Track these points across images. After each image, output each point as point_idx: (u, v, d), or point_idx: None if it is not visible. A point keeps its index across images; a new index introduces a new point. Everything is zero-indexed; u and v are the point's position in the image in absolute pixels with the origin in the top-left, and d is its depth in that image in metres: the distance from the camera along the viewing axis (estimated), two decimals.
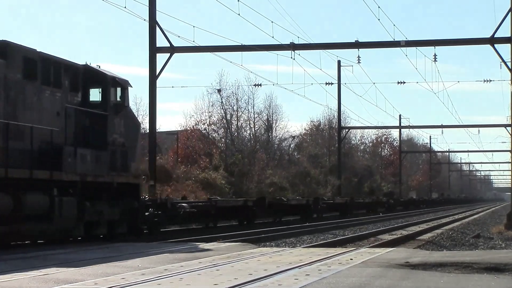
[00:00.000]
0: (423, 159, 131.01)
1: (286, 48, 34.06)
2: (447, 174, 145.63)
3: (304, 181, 65.52)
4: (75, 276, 10.30)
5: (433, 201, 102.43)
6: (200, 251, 15.06)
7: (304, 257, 13.33)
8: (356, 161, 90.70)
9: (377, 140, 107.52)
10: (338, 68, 61.48)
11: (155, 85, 32.82)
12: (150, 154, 33.75)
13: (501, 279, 10.40)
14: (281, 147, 74.38)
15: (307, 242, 23.33)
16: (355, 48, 35.40)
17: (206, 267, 11.40)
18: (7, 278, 10.08)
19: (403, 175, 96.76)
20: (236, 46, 34.20)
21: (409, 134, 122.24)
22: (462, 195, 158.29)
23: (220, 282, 9.46)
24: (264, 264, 12.04)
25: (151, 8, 32.35)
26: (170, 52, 33.26)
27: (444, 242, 25.49)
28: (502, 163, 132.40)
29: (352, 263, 12.24)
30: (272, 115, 70.09)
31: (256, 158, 63.23)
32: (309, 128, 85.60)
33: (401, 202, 78.86)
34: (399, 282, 9.74)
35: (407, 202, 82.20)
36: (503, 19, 32.17)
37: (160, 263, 12.17)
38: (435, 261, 12.41)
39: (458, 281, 10.06)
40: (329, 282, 9.60)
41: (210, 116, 63.73)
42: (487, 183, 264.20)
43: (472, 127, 76.06)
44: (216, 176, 52.18)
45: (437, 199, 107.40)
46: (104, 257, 13.28)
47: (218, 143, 64.39)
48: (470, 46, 50.35)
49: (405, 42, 33.83)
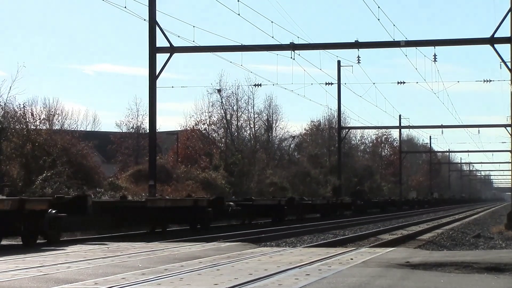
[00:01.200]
0: (423, 159, 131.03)
1: (286, 48, 34.07)
2: (447, 174, 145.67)
3: (304, 181, 65.51)
4: (75, 276, 10.30)
5: (421, 202, 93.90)
6: (200, 250, 15.06)
7: (305, 257, 13.32)
8: (356, 161, 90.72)
9: (377, 140, 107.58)
10: (338, 68, 61.54)
11: (155, 85, 32.83)
12: (150, 154, 33.77)
13: (502, 279, 10.40)
14: (281, 147, 74.41)
15: (307, 242, 23.33)
16: (355, 48, 35.44)
17: (207, 267, 11.39)
18: (7, 278, 10.07)
19: (403, 175, 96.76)
20: (236, 46, 34.23)
21: (409, 134, 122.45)
22: (462, 195, 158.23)
23: (220, 282, 9.45)
24: (264, 264, 12.03)
25: (151, 8, 32.37)
26: (170, 52, 33.28)
27: (444, 242, 25.49)
28: (502, 163, 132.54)
29: (353, 263, 12.23)
30: (272, 115, 70.19)
31: (256, 158, 63.25)
32: (309, 128, 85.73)
33: (375, 203, 68.24)
34: (400, 282, 9.74)
35: (384, 203, 71.43)
36: (503, 19, 32.19)
37: (160, 263, 12.16)
38: (436, 261, 12.40)
39: (458, 281, 10.05)
40: (330, 282, 9.59)
41: (210, 116, 63.81)
42: (487, 183, 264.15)
43: (472, 127, 76.15)
44: (216, 176, 52.20)
45: (426, 200, 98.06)
46: (104, 257, 13.29)
47: (218, 143, 64.40)
48: (470, 46, 50.35)
49: (405, 42, 33.85)
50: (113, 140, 64.66)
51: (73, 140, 42.44)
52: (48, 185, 33.38)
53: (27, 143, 37.27)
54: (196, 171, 52.38)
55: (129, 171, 49.63)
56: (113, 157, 63.91)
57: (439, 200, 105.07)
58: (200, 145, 62.35)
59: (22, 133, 37.86)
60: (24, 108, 40.42)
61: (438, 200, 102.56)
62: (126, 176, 47.16)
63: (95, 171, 41.90)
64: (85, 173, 39.16)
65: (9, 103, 37.86)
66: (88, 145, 44.63)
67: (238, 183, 54.10)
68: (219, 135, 65.67)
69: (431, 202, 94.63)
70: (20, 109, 39.89)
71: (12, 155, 36.34)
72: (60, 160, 36.74)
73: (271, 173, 60.71)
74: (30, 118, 41.31)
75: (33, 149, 37.14)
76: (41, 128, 41.26)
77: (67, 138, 41.96)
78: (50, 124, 50.10)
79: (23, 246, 17.14)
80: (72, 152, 39.98)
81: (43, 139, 38.35)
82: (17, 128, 38.34)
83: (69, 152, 39.44)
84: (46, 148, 37.79)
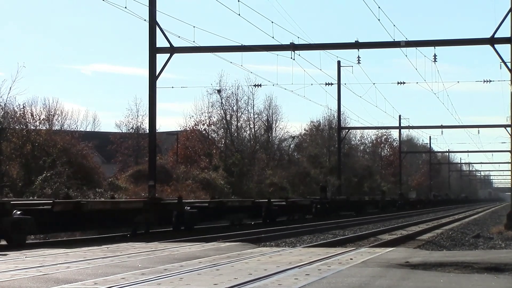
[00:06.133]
0: (423, 159, 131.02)
1: (286, 48, 34.05)
2: (447, 174, 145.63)
3: (304, 181, 65.53)
4: (75, 276, 10.30)
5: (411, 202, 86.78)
6: (200, 250, 15.06)
7: (304, 257, 13.32)
8: (356, 161, 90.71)
9: (377, 140, 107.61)
10: (338, 69, 61.55)
11: (155, 86, 32.81)
12: (150, 154, 33.75)
13: (501, 279, 10.39)
14: (281, 147, 74.39)
15: (307, 242, 23.32)
16: (355, 48, 35.42)
17: (206, 267, 11.39)
18: (7, 278, 10.07)
19: (403, 175, 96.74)
20: (236, 46, 34.19)
21: (409, 134, 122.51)
22: (462, 195, 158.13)
23: (220, 282, 9.45)
24: (264, 264, 12.03)
25: (151, 8, 32.34)
26: (170, 52, 33.25)
27: (444, 242, 25.48)
28: (502, 163, 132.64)
29: (352, 263, 12.23)
30: (272, 116, 70.18)
31: (256, 158, 63.25)
32: (309, 128, 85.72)
33: (349, 203, 54.38)
34: (399, 282, 9.73)
35: (361, 204, 58.53)
36: (503, 19, 32.18)
37: (160, 263, 12.16)
38: (435, 261, 12.40)
39: (458, 281, 10.05)
40: (329, 282, 9.59)
41: (209, 116, 63.81)
42: (486, 182, 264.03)
43: (472, 127, 76.20)
44: (215, 176, 52.21)
45: (415, 200, 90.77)
46: (104, 257, 13.28)
47: (218, 144, 64.41)
48: (470, 46, 50.33)
49: (405, 42, 33.83)
50: (113, 141, 64.66)
51: (73, 140, 42.44)
52: (48, 185, 33.40)
53: (27, 143, 37.28)
54: (196, 171, 52.39)
55: (129, 172, 49.66)
56: (113, 157, 63.92)
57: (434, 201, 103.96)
58: (199, 146, 62.36)
59: (22, 134, 37.88)
60: (24, 109, 40.47)
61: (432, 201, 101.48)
62: (126, 176, 47.18)
63: (95, 171, 41.91)
64: (85, 173, 39.17)
65: (9, 103, 37.90)
66: (88, 145, 44.64)
67: (238, 183, 54.09)
68: (219, 135, 65.70)
69: (425, 202, 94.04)
70: (20, 110, 39.93)
71: (12, 155, 36.35)
72: (60, 160, 36.75)
73: (271, 173, 60.70)
74: (30, 119, 41.36)
75: (33, 149, 37.16)
76: (41, 129, 41.27)
77: (67, 138, 41.95)
78: (50, 124, 50.11)
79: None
80: (72, 152, 39.99)
81: (43, 139, 38.36)
82: (17, 129, 38.35)
83: (69, 152, 39.45)
84: (46, 149, 37.81)
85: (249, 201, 37.07)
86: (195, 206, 29.51)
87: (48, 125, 47.05)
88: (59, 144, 39.01)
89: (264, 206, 36.31)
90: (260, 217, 36.09)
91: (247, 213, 35.63)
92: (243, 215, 35.15)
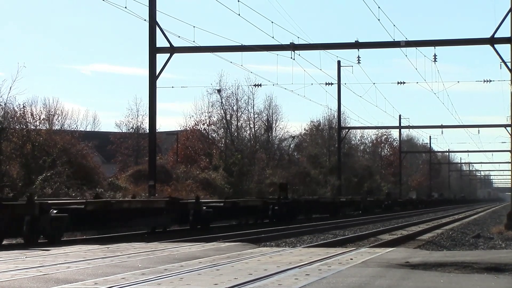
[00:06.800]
0: (423, 159, 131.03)
1: (286, 48, 34.07)
2: (447, 174, 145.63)
3: (304, 181, 65.53)
4: (75, 276, 10.29)
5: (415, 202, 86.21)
6: (200, 250, 15.06)
7: (304, 257, 13.32)
8: (356, 161, 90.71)
9: (377, 140, 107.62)
10: (338, 68, 61.60)
11: (155, 86, 32.83)
12: (150, 154, 33.78)
13: (502, 279, 10.39)
14: (281, 147, 74.40)
15: (307, 242, 23.33)
16: (355, 48, 35.47)
17: (206, 267, 11.39)
18: (7, 277, 10.07)
19: (403, 175, 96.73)
20: (236, 46, 34.22)
21: (409, 134, 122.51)
22: (462, 194, 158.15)
23: (220, 282, 9.45)
24: (264, 264, 12.03)
25: (151, 8, 32.36)
26: (170, 52, 33.27)
27: (444, 242, 25.49)
28: (502, 163, 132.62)
29: (352, 263, 12.22)
30: (272, 115, 70.20)
31: (256, 158, 63.24)
32: (309, 128, 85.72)
33: (310, 201, 45.47)
34: (399, 282, 9.73)
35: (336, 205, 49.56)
36: (503, 19, 32.20)
37: (160, 263, 12.16)
38: (435, 261, 12.40)
39: (458, 281, 10.05)
40: (329, 282, 9.58)
41: (210, 116, 63.82)
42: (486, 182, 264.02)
43: (472, 127, 76.33)
44: (216, 176, 52.22)
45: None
46: (104, 257, 13.28)
47: (218, 143, 64.40)
48: (470, 46, 50.37)
49: (405, 42, 33.86)
50: (113, 140, 64.67)
51: (73, 140, 42.44)
52: (48, 185, 33.40)
53: (27, 143, 37.27)
54: (196, 171, 52.40)
55: (129, 171, 49.66)
56: (113, 157, 63.93)
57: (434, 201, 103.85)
58: (199, 145, 62.35)
59: (22, 133, 37.87)
60: (24, 108, 40.44)
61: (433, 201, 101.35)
62: (126, 176, 47.18)
63: (95, 171, 41.92)
64: (85, 173, 39.17)
65: (9, 103, 37.88)
66: (88, 145, 44.64)
67: (238, 183, 54.10)
68: (219, 135, 65.70)
69: (426, 202, 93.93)
70: (20, 109, 39.91)
71: (12, 155, 36.34)
72: (60, 160, 36.75)
73: (271, 173, 60.70)
74: (30, 118, 41.34)
75: (33, 149, 37.15)
76: (41, 128, 41.26)
77: (67, 138, 41.95)
78: (50, 124, 50.07)
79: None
80: (72, 152, 39.99)
81: (43, 139, 38.35)
82: (17, 128, 38.34)
83: (69, 152, 39.46)
84: (46, 148, 37.80)
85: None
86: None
87: (48, 125, 47.02)
88: (59, 144, 39.01)
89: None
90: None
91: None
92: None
